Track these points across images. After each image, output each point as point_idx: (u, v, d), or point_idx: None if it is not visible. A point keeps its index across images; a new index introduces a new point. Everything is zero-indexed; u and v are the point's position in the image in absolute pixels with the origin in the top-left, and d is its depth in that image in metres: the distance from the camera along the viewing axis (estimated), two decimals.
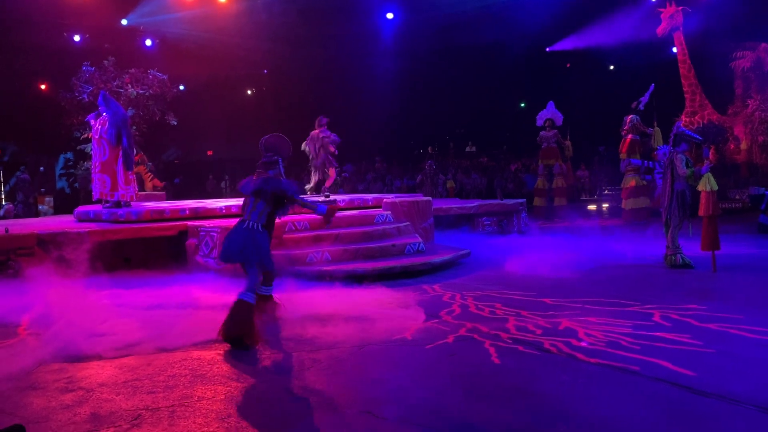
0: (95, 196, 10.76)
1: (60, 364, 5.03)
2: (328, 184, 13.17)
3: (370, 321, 6.18)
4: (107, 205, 10.67)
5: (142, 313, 6.73)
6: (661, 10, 18.87)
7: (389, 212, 10.59)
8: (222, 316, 5.63)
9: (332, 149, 12.88)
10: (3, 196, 23.26)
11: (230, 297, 5.88)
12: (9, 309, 6.76)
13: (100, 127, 10.54)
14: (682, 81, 19.76)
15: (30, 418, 3.93)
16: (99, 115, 10.69)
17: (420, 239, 9.97)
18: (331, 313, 6.51)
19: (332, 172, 13.17)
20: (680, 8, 18.53)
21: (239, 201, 8.05)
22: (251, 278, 5.77)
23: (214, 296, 7.18)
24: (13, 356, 5.30)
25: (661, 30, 18.88)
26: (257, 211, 5.95)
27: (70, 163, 23.79)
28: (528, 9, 23.00)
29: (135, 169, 11.54)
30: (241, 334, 5.44)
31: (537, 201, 19.23)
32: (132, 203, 10.86)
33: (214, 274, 8.52)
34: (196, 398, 4.27)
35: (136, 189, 11.19)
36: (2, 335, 6.02)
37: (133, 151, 10.66)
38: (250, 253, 5.78)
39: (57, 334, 5.69)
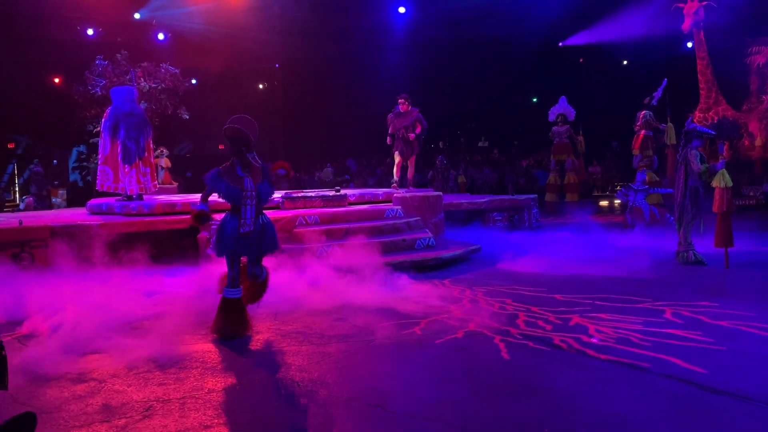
0: (98, 187, 10.94)
1: (72, 355, 5.07)
2: (411, 174, 12.23)
3: (379, 315, 6.19)
4: (120, 198, 10.79)
5: (153, 305, 6.79)
6: (681, 5, 18.60)
7: (400, 207, 10.58)
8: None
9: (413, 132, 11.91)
10: (17, 189, 23.46)
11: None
12: (22, 300, 6.81)
13: (103, 120, 10.84)
14: (699, 77, 19.55)
15: (43, 409, 3.97)
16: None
17: (430, 234, 9.96)
18: (340, 306, 6.54)
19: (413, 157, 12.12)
20: (703, 3, 18.28)
21: None
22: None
23: None
24: (25, 347, 5.36)
25: (686, 26, 18.61)
26: None
27: (83, 156, 23.93)
28: (540, 3, 22.88)
29: (156, 161, 11.62)
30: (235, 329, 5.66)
31: (549, 196, 19.18)
32: (144, 196, 10.94)
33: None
34: (206, 390, 4.30)
35: (155, 182, 11.24)
36: (15, 327, 6.08)
37: (136, 146, 10.71)
38: None
39: (68, 325, 5.73)
